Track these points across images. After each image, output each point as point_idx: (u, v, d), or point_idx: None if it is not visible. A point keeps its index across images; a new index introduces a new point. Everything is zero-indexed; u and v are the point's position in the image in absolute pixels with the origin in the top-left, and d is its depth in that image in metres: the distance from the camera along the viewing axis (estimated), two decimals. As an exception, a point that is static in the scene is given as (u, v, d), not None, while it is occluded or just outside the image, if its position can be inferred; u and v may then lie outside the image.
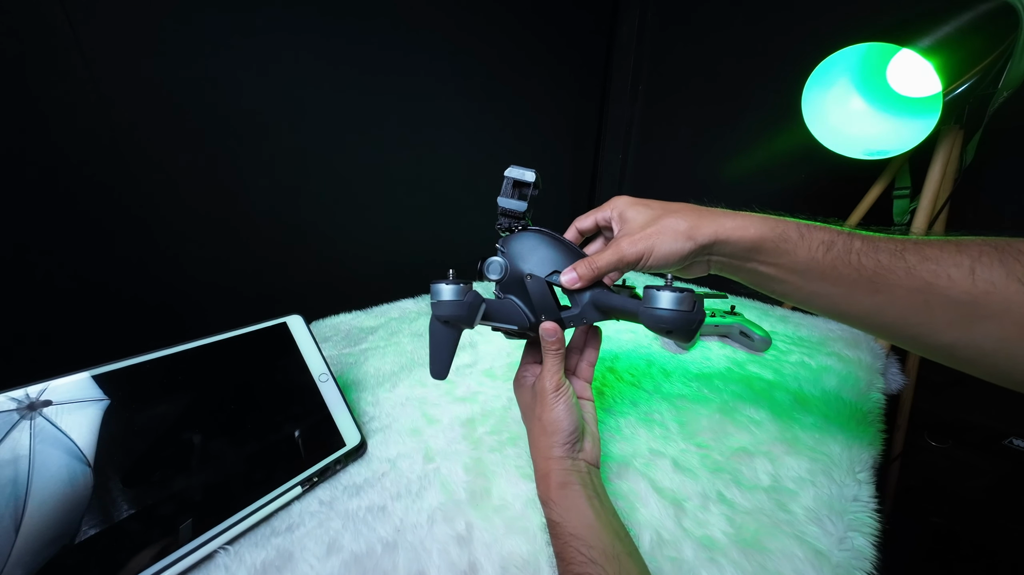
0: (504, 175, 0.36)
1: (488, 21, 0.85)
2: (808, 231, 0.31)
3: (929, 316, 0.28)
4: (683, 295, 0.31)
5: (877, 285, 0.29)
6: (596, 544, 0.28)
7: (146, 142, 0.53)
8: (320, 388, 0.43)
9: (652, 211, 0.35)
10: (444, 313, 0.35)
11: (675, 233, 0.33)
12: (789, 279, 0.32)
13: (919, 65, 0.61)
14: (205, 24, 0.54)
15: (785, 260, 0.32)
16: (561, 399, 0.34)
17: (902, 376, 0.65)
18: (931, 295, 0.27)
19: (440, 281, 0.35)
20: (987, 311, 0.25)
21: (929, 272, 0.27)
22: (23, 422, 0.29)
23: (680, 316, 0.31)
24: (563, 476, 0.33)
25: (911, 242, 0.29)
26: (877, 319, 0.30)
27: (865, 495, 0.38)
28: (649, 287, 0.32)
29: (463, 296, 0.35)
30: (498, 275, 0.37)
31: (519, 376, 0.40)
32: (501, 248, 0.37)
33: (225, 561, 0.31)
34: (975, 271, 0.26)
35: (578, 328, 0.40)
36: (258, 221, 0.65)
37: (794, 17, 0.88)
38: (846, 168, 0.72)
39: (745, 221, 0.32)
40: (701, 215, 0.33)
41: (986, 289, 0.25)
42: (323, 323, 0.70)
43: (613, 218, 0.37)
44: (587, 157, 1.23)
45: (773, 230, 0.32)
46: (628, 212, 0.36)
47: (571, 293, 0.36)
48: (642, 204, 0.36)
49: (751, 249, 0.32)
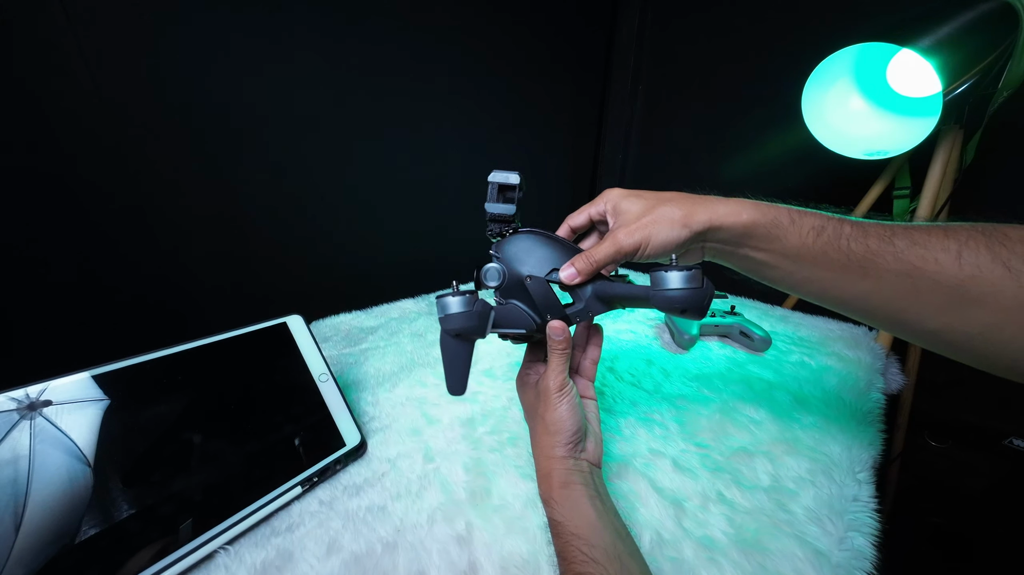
0: (488, 181, 0.36)
1: (488, 22, 0.85)
2: (799, 216, 0.32)
3: (917, 300, 0.28)
4: (692, 272, 0.31)
5: (866, 270, 0.29)
6: (598, 544, 0.28)
7: (146, 142, 0.53)
8: (320, 388, 0.43)
9: (646, 201, 0.35)
10: (455, 326, 0.34)
11: (670, 221, 0.33)
12: (780, 264, 0.33)
13: (919, 65, 0.61)
14: (205, 25, 0.54)
15: (776, 246, 0.32)
16: (565, 399, 0.34)
17: (902, 376, 0.65)
18: (919, 279, 0.27)
19: (446, 294, 0.34)
20: (973, 296, 0.26)
21: (917, 256, 0.27)
22: (23, 422, 0.29)
23: (692, 293, 0.31)
24: (565, 476, 0.33)
25: (900, 227, 0.29)
26: (866, 304, 0.31)
27: (865, 495, 0.38)
28: (656, 270, 0.32)
29: (471, 307, 0.34)
30: (497, 281, 0.36)
31: (522, 375, 0.40)
32: (495, 254, 0.37)
33: (225, 561, 0.31)
34: (962, 255, 0.26)
35: (579, 326, 0.40)
36: (258, 221, 0.65)
37: (794, 17, 0.88)
38: (846, 168, 0.72)
39: (738, 207, 0.33)
40: (695, 202, 0.34)
41: (972, 273, 0.25)
42: (323, 323, 0.70)
43: (607, 211, 0.37)
44: (587, 157, 1.23)
45: (765, 215, 0.32)
46: (622, 204, 0.36)
47: (572, 289, 0.36)
48: (635, 195, 0.36)
49: (744, 234, 0.33)
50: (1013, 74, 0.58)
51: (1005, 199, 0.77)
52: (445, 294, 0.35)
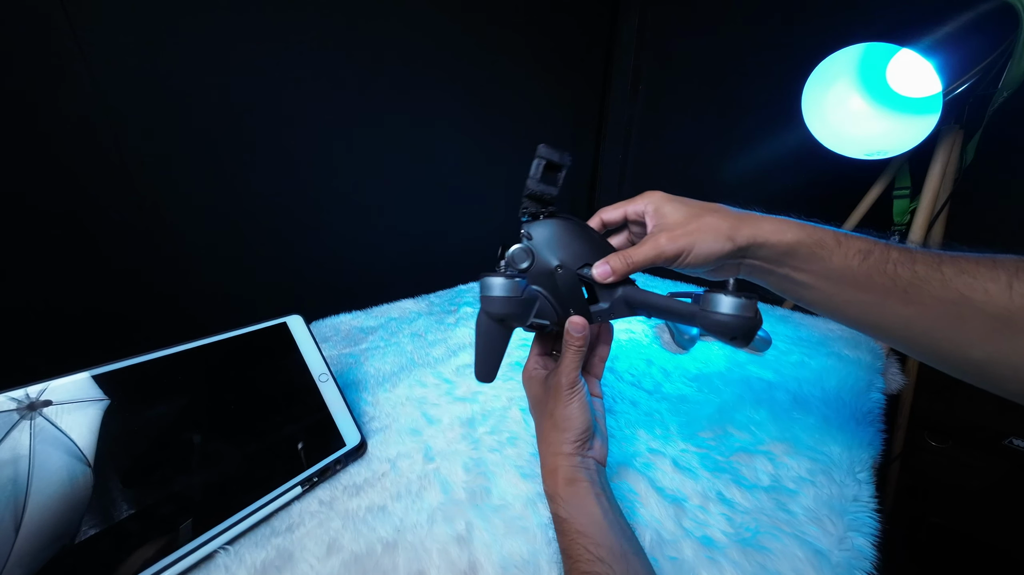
0: (536, 155, 0.33)
1: (488, 21, 0.85)
2: (846, 239, 0.31)
3: (961, 328, 0.28)
4: (749, 302, 0.30)
5: (910, 295, 0.29)
6: (603, 542, 0.28)
7: (146, 141, 0.53)
8: (320, 388, 0.43)
9: (689, 208, 0.34)
10: (499, 311, 0.32)
11: (715, 232, 0.32)
12: (821, 286, 0.32)
13: (919, 65, 0.61)
14: (205, 25, 0.54)
15: (819, 266, 0.32)
16: (576, 396, 0.34)
17: (902, 376, 0.65)
18: (965, 307, 0.27)
19: (493, 274, 0.32)
20: (1022, 326, 0.25)
21: (965, 285, 0.27)
22: (23, 422, 0.29)
23: (745, 322, 0.30)
24: (571, 472, 0.32)
25: (948, 255, 0.29)
26: (907, 331, 0.30)
27: (865, 495, 0.38)
28: (712, 291, 0.31)
29: (519, 292, 0.32)
30: (525, 264, 0.34)
31: (529, 368, 0.40)
32: (527, 234, 0.35)
33: (225, 561, 0.31)
34: (1012, 286, 0.26)
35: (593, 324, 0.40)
36: (258, 221, 0.65)
37: (794, 17, 0.88)
38: (846, 168, 0.72)
39: (783, 225, 0.32)
40: (739, 217, 0.33)
41: (1023, 304, 0.25)
42: (323, 323, 0.70)
43: (647, 212, 0.36)
44: (587, 157, 1.23)
45: (810, 235, 0.31)
46: (665, 207, 0.35)
47: (601, 287, 0.35)
48: (678, 201, 0.35)
49: (786, 253, 0.32)
50: (1013, 74, 0.58)
51: (1005, 199, 0.77)
52: (492, 273, 0.32)
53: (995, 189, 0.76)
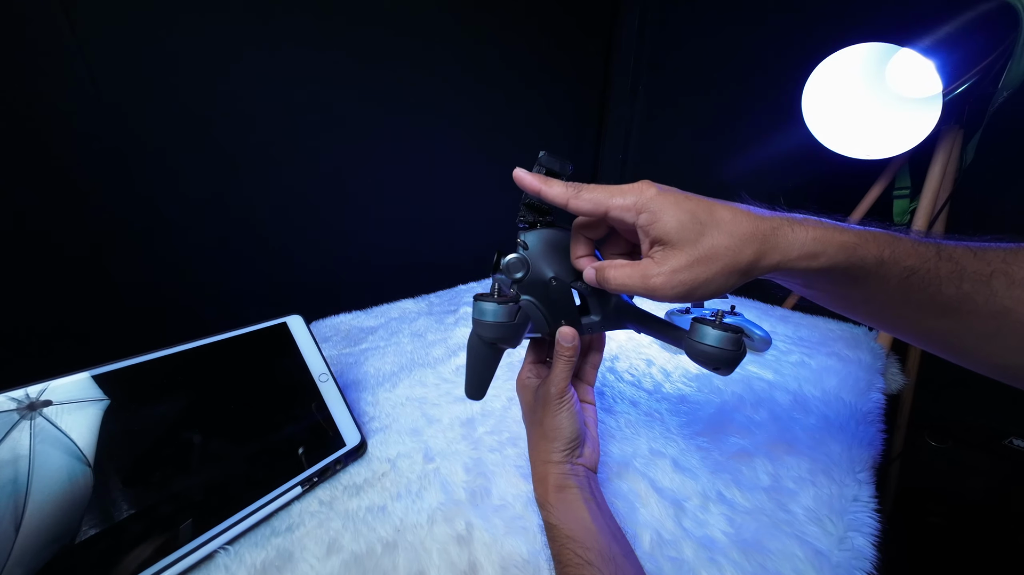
0: (536, 163, 0.32)
1: (488, 21, 0.85)
2: (891, 257, 0.26)
3: (997, 336, 0.27)
4: (735, 337, 0.29)
5: (947, 310, 0.27)
6: (592, 546, 0.29)
7: (147, 142, 0.53)
8: (320, 388, 0.43)
9: (691, 216, 0.26)
10: (491, 335, 0.32)
11: (726, 270, 0.26)
12: (849, 296, 0.30)
13: (919, 65, 0.61)
14: (205, 25, 0.54)
15: (849, 288, 0.28)
16: (565, 406, 0.34)
17: (902, 376, 0.65)
18: (1006, 320, 0.26)
19: (486, 299, 0.31)
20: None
21: (1014, 299, 0.26)
22: (23, 422, 0.29)
23: (728, 354, 0.29)
24: (561, 480, 0.33)
25: (1000, 265, 0.26)
26: (941, 338, 0.29)
27: (865, 495, 0.38)
28: (698, 320, 0.30)
29: (512, 318, 0.31)
30: (520, 274, 0.34)
31: (523, 376, 0.40)
32: (523, 243, 0.34)
33: (225, 561, 0.31)
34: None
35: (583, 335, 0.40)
36: (259, 221, 0.65)
37: (794, 17, 0.88)
38: (846, 168, 0.72)
39: (816, 246, 0.26)
40: (762, 239, 0.26)
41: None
42: (323, 323, 0.70)
43: (639, 224, 0.28)
44: (587, 157, 1.23)
45: (849, 258, 0.26)
46: (663, 214, 0.27)
47: (594, 298, 0.35)
48: (676, 201, 0.27)
49: (816, 276, 0.27)
50: (1013, 74, 0.58)
51: (1005, 199, 0.77)
52: (485, 297, 0.32)
53: (995, 189, 0.76)
